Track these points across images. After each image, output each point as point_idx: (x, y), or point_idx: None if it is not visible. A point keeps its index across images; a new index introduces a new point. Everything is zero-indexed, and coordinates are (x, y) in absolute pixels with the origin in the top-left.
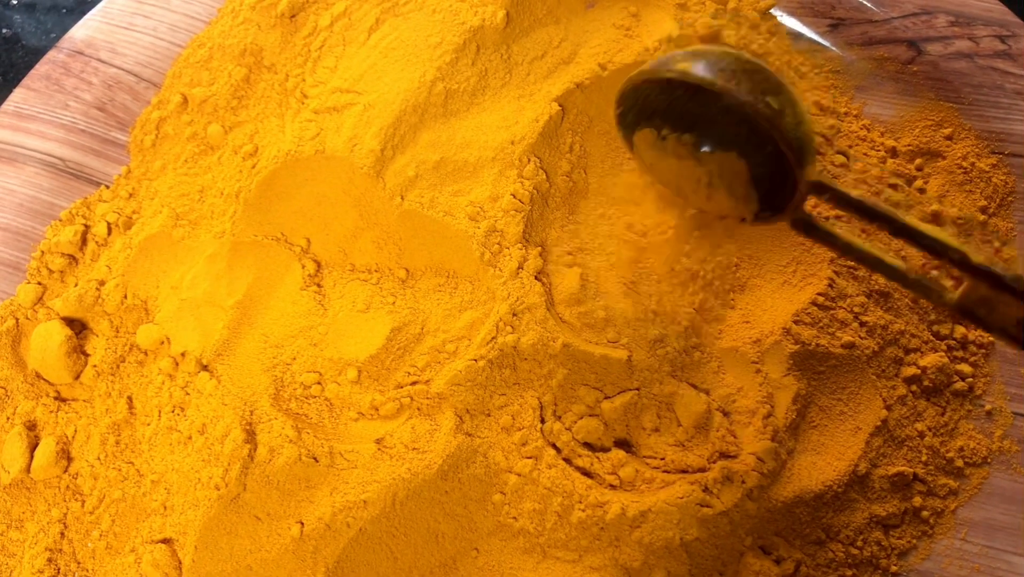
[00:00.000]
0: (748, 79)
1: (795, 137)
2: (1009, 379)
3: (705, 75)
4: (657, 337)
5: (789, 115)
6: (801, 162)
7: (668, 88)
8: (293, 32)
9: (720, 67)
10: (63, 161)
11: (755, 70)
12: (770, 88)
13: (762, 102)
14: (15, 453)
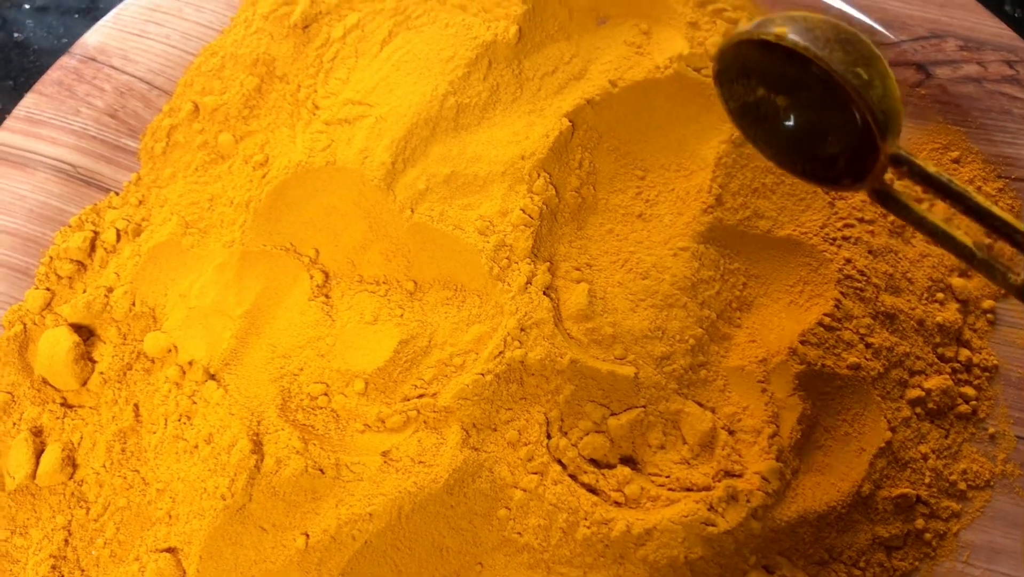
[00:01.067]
0: (841, 48)
1: (880, 109)
2: (1013, 402)
3: (799, 40)
4: (664, 354)
5: (878, 87)
6: (884, 133)
7: (766, 49)
8: (306, 43)
9: (815, 34)
10: (74, 167)
11: (849, 39)
12: (862, 59)
13: (852, 72)
14: (21, 459)
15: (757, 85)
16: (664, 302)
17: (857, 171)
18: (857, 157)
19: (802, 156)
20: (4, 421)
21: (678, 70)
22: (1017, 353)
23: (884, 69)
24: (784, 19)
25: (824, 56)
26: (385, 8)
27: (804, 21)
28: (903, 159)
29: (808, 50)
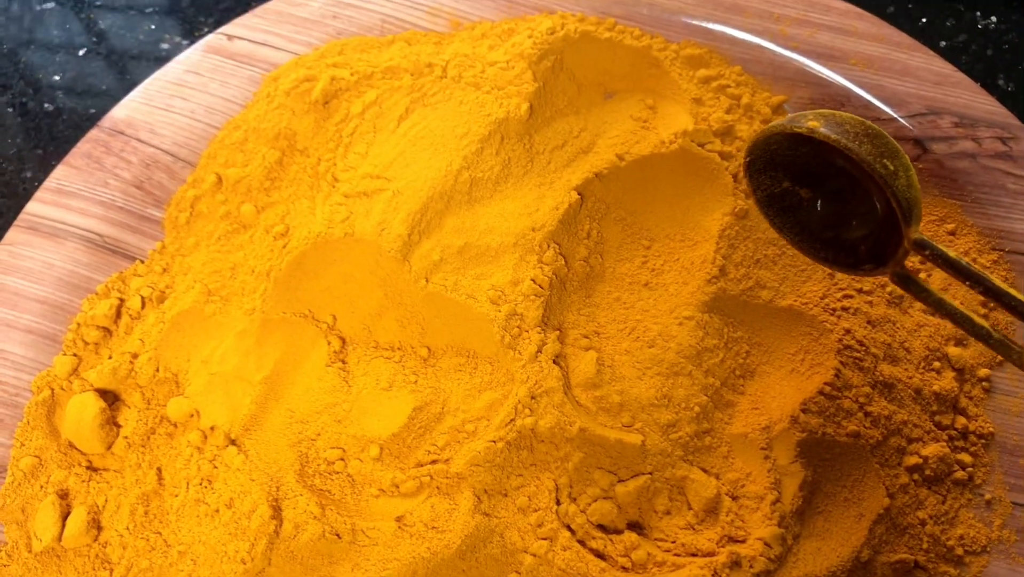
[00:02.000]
0: (869, 142)
1: (905, 197)
2: (1008, 469)
3: (830, 133)
4: (670, 422)
5: (902, 177)
6: (908, 220)
7: (795, 143)
8: (326, 118)
9: (845, 128)
10: (101, 237)
11: (876, 135)
12: (888, 152)
13: (880, 163)
14: (48, 522)
15: (783, 178)
16: (670, 370)
17: (879, 257)
18: (879, 244)
19: (824, 244)
20: (32, 484)
21: (683, 145)
22: (1012, 420)
23: (907, 162)
24: (816, 115)
25: (854, 148)
26: (402, 86)
27: (834, 117)
28: (926, 244)
29: (839, 142)
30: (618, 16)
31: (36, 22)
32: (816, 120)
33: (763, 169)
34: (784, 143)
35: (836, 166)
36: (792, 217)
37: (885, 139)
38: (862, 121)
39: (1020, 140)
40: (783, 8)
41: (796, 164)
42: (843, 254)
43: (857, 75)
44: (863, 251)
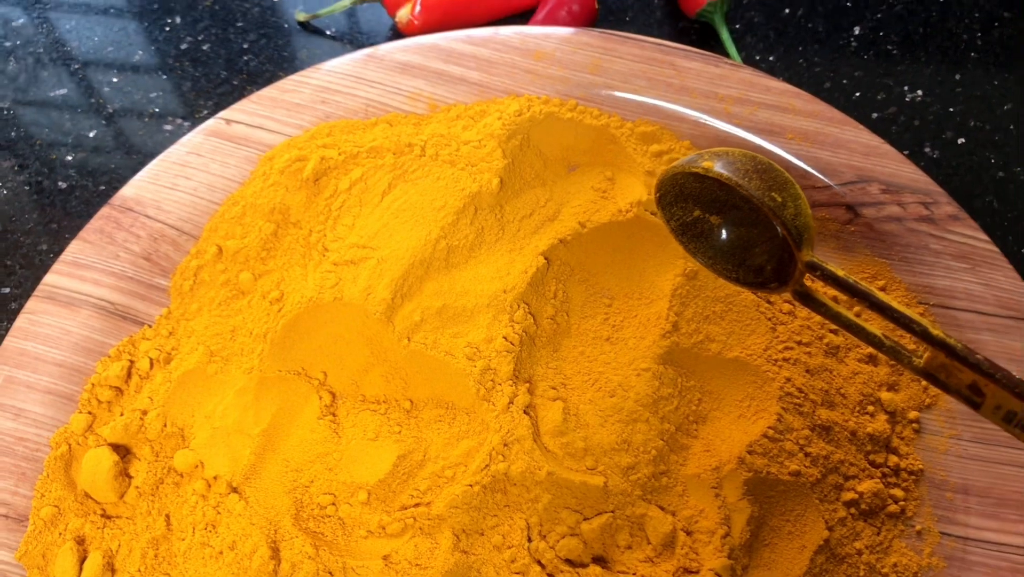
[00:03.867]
0: (758, 176)
1: (793, 225)
2: (936, 502)
3: (723, 172)
4: (630, 465)
5: (790, 207)
6: (799, 245)
7: (699, 178)
8: (316, 194)
9: (736, 166)
10: (113, 305)
11: (765, 169)
12: (776, 185)
13: (768, 196)
14: (66, 566)
15: (693, 207)
16: (629, 417)
17: (781, 276)
18: (780, 265)
19: (735, 265)
20: (51, 531)
21: (638, 213)
22: (939, 458)
23: (796, 192)
24: (711, 154)
25: (744, 184)
26: (385, 164)
27: (727, 155)
28: (816, 265)
29: (731, 180)
30: (579, 98)
31: (50, 107)
32: (710, 160)
33: (674, 201)
34: (690, 178)
35: (737, 195)
36: (704, 242)
37: (774, 172)
38: (753, 156)
39: (941, 205)
40: (726, 89)
41: (704, 195)
42: (752, 274)
43: (795, 148)
44: (768, 271)
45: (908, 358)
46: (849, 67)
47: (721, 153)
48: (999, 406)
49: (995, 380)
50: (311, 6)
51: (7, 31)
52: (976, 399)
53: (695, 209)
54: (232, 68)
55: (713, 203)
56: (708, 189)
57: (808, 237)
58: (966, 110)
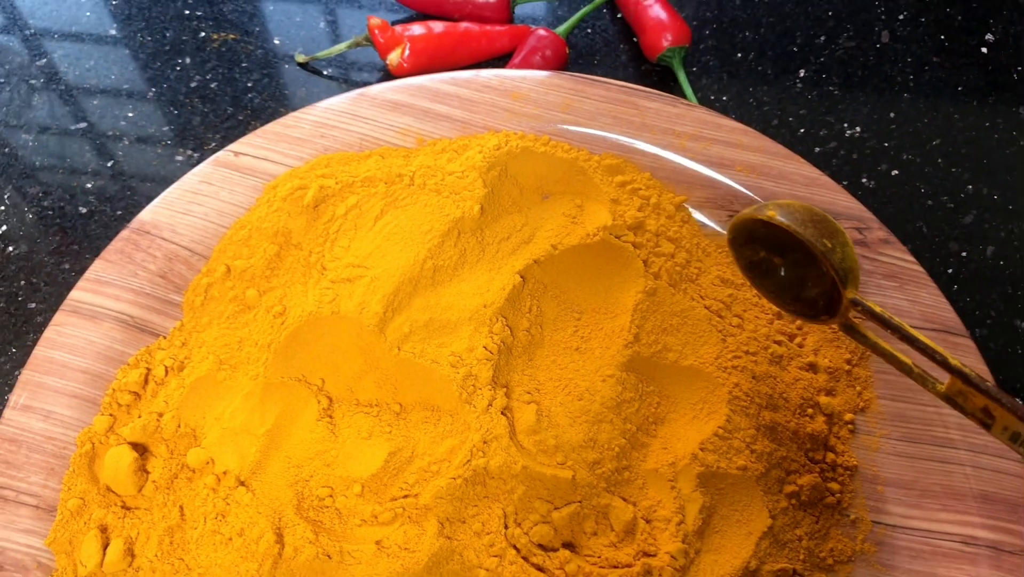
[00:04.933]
0: (813, 225)
1: (840, 268)
2: (869, 494)
3: (783, 220)
4: (595, 460)
5: (838, 252)
6: (844, 284)
7: (765, 224)
8: (316, 219)
9: (795, 216)
10: (132, 318)
11: (820, 220)
12: (828, 233)
13: (820, 242)
14: (91, 551)
15: (760, 249)
16: (595, 418)
17: (831, 310)
18: (830, 301)
19: (792, 299)
20: (77, 520)
21: (603, 237)
22: (871, 455)
23: (844, 240)
24: (775, 205)
25: (800, 231)
26: (378, 192)
27: (789, 207)
28: (858, 302)
29: (790, 227)
30: (551, 134)
31: (72, 138)
32: (774, 209)
33: (744, 243)
34: (757, 224)
35: (796, 241)
36: (768, 279)
37: (827, 222)
38: (810, 209)
39: (872, 229)
40: (682, 126)
41: (769, 239)
42: (806, 307)
43: (743, 179)
44: (820, 305)
45: (933, 384)
46: (795, 106)
47: (784, 204)
48: (1006, 428)
49: (1002, 404)
50: (310, 49)
51: (35, 70)
52: (988, 421)
53: (761, 250)
54: (237, 104)
55: (776, 246)
56: (772, 234)
57: (853, 278)
58: (899, 145)
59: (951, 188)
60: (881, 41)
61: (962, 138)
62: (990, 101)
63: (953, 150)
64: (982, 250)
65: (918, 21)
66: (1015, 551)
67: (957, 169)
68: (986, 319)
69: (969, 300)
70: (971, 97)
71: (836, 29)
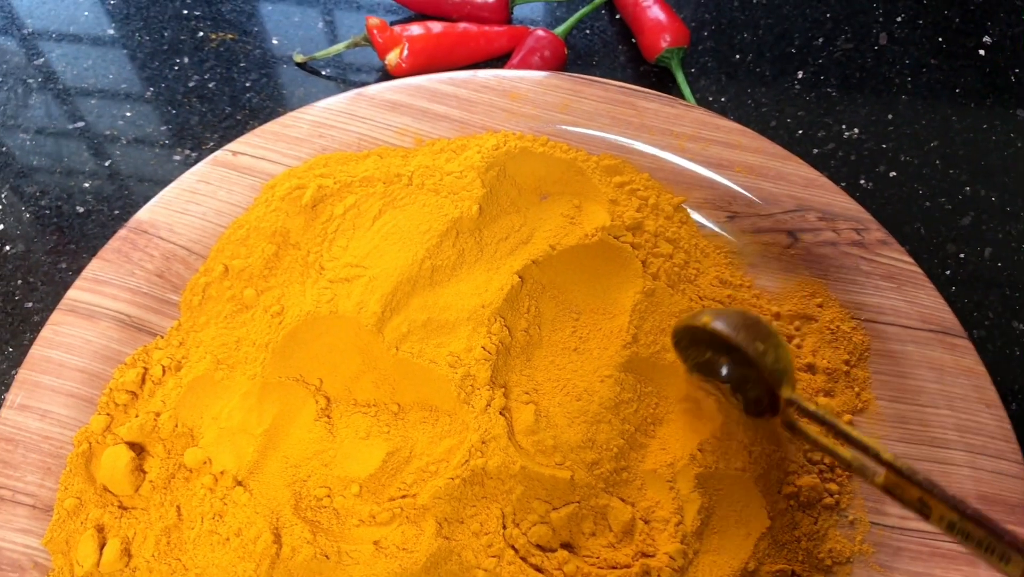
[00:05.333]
0: (746, 329)
1: (773, 370)
2: (867, 495)
3: (717, 327)
4: (594, 460)
5: (771, 355)
6: (778, 386)
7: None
8: (314, 218)
9: (730, 321)
10: (129, 317)
11: (752, 324)
12: (760, 336)
13: (752, 346)
14: (88, 551)
15: (705, 350)
16: (594, 419)
17: (774, 408)
18: (772, 399)
19: (740, 396)
20: (74, 520)
21: (602, 238)
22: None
23: (777, 341)
24: (709, 312)
25: (733, 336)
26: (376, 192)
27: (723, 313)
28: (793, 401)
29: (722, 333)
30: (550, 134)
31: (70, 138)
32: (708, 316)
33: (688, 345)
34: (697, 329)
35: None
36: (716, 379)
37: (759, 325)
38: (744, 313)
39: (871, 231)
40: (681, 127)
41: (712, 341)
42: (753, 405)
43: (741, 180)
44: (764, 403)
45: (872, 476)
46: (793, 107)
47: (720, 311)
48: (942, 517)
49: (934, 495)
50: (308, 49)
51: (32, 70)
52: (925, 511)
53: (707, 351)
54: (236, 104)
55: (720, 347)
56: (714, 336)
57: (788, 378)
58: (897, 146)
59: (949, 189)
60: (879, 43)
61: (960, 140)
62: (988, 103)
63: (951, 152)
64: (980, 251)
65: (916, 23)
66: None
67: (955, 171)
68: (984, 320)
69: (967, 301)
70: (969, 99)
71: (834, 31)
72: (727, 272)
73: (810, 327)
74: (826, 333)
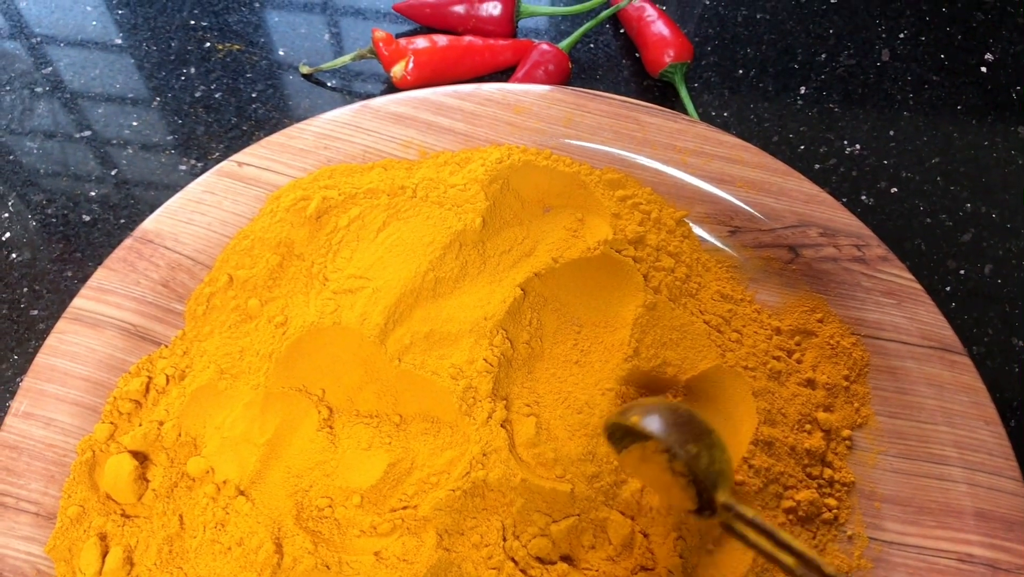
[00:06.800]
0: (677, 430)
1: (707, 473)
2: (866, 511)
3: (647, 428)
4: (594, 473)
5: (704, 457)
6: (714, 489)
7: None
8: (318, 229)
9: (658, 420)
10: (134, 326)
11: (685, 422)
12: (693, 436)
13: (683, 449)
14: (90, 559)
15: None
16: (595, 432)
17: (712, 507)
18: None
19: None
20: (77, 528)
21: (604, 251)
22: (869, 472)
23: (711, 440)
24: (639, 409)
25: (663, 438)
26: (380, 204)
27: (652, 409)
28: (728, 506)
29: (652, 435)
30: (553, 148)
31: (76, 146)
32: (638, 415)
33: (620, 439)
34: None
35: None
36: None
37: (693, 424)
38: (675, 410)
39: (871, 247)
40: (683, 142)
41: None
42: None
43: (743, 195)
44: (704, 500)
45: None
46: (795, 123)
47: (649, 408)
48: None
49: None
50: (314, 60)
51: (40, 78)
52: None
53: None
54: (241, 115)
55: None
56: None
57: (724, 481)
58: (898, 163)
59: (950, 206)
60: (881, 59)
61: (961, 156)
62: (989, 120)
63: (952, 168)
64: (980, 268)
65: (918, 40)
66: (1011, 569)
67: (956, 187)
68: (983, 337)
69: (967, 318)
70: (970, 116)
71: (837, 47)
72: (728, 286)
73: (810, 342)
74: (826, 348)
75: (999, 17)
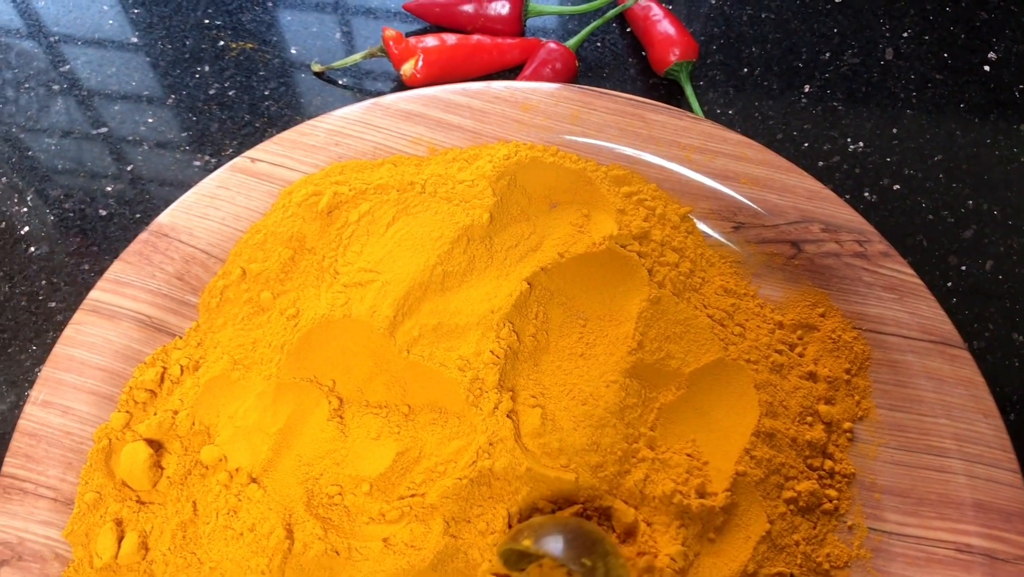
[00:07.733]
0: (570, 545)
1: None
2: (865, 501)
3: (540, 549)
4: (598, 463)
5: (600, 569)
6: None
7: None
8: (329, 224)
9: (551, 539)
10: (149, 318)
11: (578, 536)
12: (586, 549)
13: (578, 563)
14: (107, 543)
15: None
16: (599, 423)
17: None
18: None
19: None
20: (93, 514)
21: (609, 246)
22: (869, 463)
23: (605, 549)
24: (529, 531)
25: (556, 556)
26: (390, 199)
27: (543, 529)
28: None
29: (547, 555)
30: (560, 145)
31: (93, 142)
32: (529, 536)
33: (516, 562)
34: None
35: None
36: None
37: (585, 536)
38: (564, 525)
39: (873, 243)
40: (688, 139)
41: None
42: None
43: (747, 191)
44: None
45: None
46: (799, 120)
47: (537, 527)
48: None
49: None
50: (325, 59)
51: (57, 76)
52: None
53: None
54: (255, 112)
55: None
56: None
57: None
58: (901, 160)
59: (952, 203)
60: (885, 58)
61: (963, 154)
62: (991, 118)
63: (954, 166)
64: (981, 264)
65: (922, 39)
66: (1009, 559)
67: (958, 184)
68: (984, 332)
69: (967, 313)
70: (973, 114)
71: (841, 46)
72: (732, 281)
73: (812, 336)
74: (828, 342)
75: (1002, 16)
